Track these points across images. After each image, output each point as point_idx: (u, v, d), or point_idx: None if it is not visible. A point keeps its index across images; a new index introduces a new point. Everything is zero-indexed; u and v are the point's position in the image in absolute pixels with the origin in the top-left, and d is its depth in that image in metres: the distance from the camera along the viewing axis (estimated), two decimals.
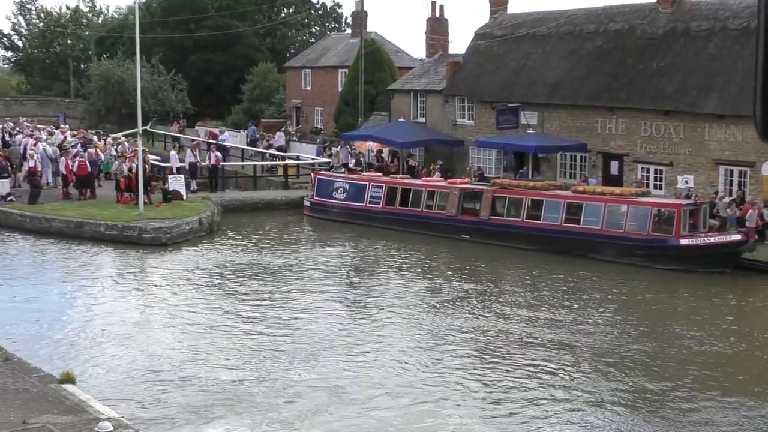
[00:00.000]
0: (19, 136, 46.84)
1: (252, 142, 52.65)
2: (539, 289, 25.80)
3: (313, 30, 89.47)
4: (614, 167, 36.32)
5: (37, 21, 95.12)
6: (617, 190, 31.82)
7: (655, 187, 34.38)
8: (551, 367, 18.18)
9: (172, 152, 43.13)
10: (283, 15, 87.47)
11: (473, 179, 37.00)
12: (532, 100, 38.83)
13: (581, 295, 25.33)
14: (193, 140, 48.30)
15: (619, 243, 29.40)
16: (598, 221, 30.25)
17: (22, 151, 41.84)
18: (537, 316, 22.39)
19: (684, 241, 28.56)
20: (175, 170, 39.73)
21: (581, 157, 37.60)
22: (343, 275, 27.76)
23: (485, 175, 38.73)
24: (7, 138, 47.72)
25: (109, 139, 45.67)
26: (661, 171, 34.63)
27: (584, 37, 38.85)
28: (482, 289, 25.75)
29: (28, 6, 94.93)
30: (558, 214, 31.24)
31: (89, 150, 39.73)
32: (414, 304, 23.83)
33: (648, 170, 35.11)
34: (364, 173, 39.98)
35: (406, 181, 37.20)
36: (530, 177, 36.66)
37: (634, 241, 29.23)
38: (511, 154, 39.78)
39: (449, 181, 36.17)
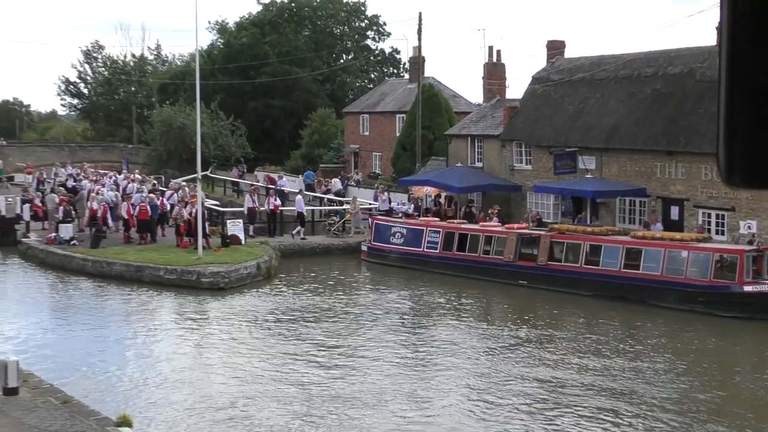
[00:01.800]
0: (84, 182, 47.78)
1: (309, 187, 53.00)
2: (598, 336, 25.44)
3: (372, 76, 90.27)
4: (674, 212, 35.83)
5: (103, 69, 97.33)
6: (677, 235, 31.38)
7: (717, 232, 33.81)
8: (614, 416, 17.86)
9: (298, 197, 43.53)
10: (342, 61, 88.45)
11: (531, 224, 36.77)
12: (589, 145, 38.60)
13: (640, 342, 24.92)
14: (251, 185, 48.76)
15: (680, 289, 28.91)
16: (657, 267, 29.80)
17: (87, 196, 42.58)
18: (596, 364, 22.06)
19: (747, 288, 28.00)
20: (298, 213, 41.46)
21: (640, 202, 37.18)
22: (399, 320, 27.68)
23: (543, 220, 38.45)
24: (72, 183, 48.68)
25: (172, 184, 46.35)
26: (723, 216, 34.06)
27: (642, 81, 38.60)
28: (540, 335, 25.47)
29: (94, 55, 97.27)
30: (617, 259, 30.85)
31: (150, 195, 40.34)
32: (471, 349, 23.64)
33: (709, 215, 34.56)
34: (422, 218, 39.98)
35: (463, 226, 37.10)
36: (588, 222, 36.33)
37: (695, 287, 28.71)
38: (569, 199, 39.48)
39: (506, 226, 35.98)
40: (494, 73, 49.44)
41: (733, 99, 1.52)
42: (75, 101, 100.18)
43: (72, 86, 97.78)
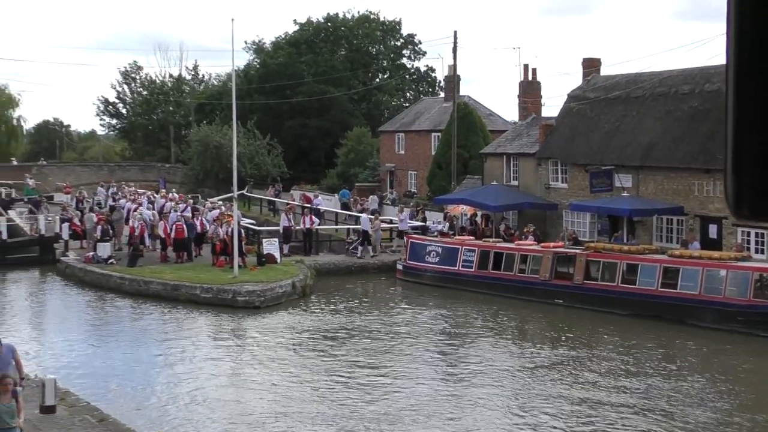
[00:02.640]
0: (122, 201, 48.25)
1: (344, 206, 53.10)
2: (635, 356, 25.20)
3: (408, 94, 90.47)
4: (713, 231, 35.47)
5: (141, 89, 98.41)
6: (716, 254, 31.05)
7: (757, 251, 33.41)
8: None
9: (364, 216, 43.66)
10: (377, 80, 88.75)
11: (567, 243, 36.58)
12: (626, 163, 38.39)
13: (678, 362, 24.66)
14: (287, 204, 48.98)
15: (718, 309, 28.58)
16: (695, 286, 29.49)
17: (125, 215, 42.96)
18: (632, 384, 21.86)
19: None
20: (363, 232, 41.48)
21: (678, 220, 36.87)
22: (435, 339, 27.63)
23: (579, 238, 38.23)
24: (111, 202, 49.18)
25: (207, 203, 46.68)
26: (763, 235, 33.66)
27: (679, 99, 38.35)
28: (576, 354, 25.30)
29: (133, 75, 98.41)
30: (654, 278, 30.59)
31: (186, 214, 40.62)
32: (507, 368, 23.53)
33: (748, 234, 34.17)
34: (457, 237, 39.92)
35: (498, 244, 37.00)
36: (625, 241, 36.07)
37: (734, 306, 28.37)
38: (605, 217, 39.24)
39: (542, 244, 35.83)
40: (530, 91, 49.40)
41: (740, 130, 1.52)
42: (114, 121, 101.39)
43: (111, 106, 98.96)
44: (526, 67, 50.71)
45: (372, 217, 43.29)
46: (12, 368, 14.74)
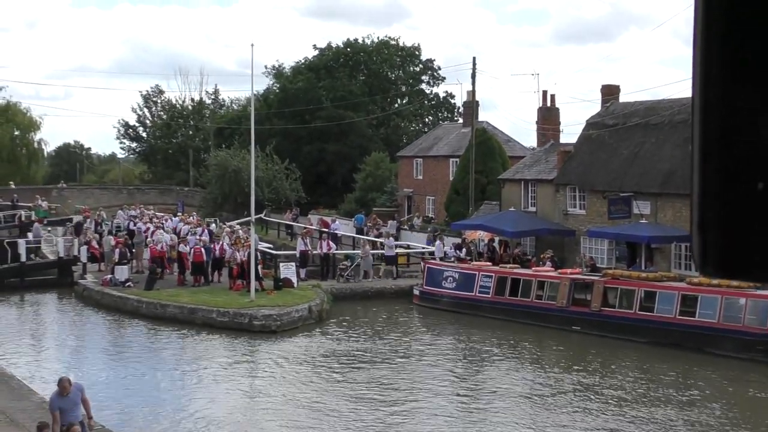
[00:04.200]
0: (140, 224, 48.39)
1: (360, 231, 53.08)
2: (652, 384, 25.04)
3: (426, 120, 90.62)
4: None
5: (162, 113, 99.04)
6: (735, 282, 30.83)
7: None
8: None
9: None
10: (396, 105, 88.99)
11: (584, 269, 36.44)
12: (644, 190, 38.28)
13: (696, 391, 24.47)
14: (304, 228, 49.04)
15: (738, 337, 28.38)
16: (714, 314, 29.30)
17: (144, 239, 43.05)
18: (649, 413, 21.72)
19: None
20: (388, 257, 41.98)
21: None
22: (451, 364, 27.55)
23: (597, 265, 38.07)
24: (131, 226, 49.31)
25: (225, 227, 46.79)
26: None
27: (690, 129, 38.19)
28: (593, 382, 25.15)
29: (153, 99, 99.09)
30: (672, 306, 30.43)
31: (203, 237, 40.73)
32: (523, 395, 23.43)
33: None
34: (474, 263, 39.86)
35: (516, 270, 36.91)
36: (643, 268, 35.91)
37: (754, 335, 28.17)
38: (623, 244, 39.09)
39: (560, 271, 35.73)
40: (548, 117, 49.40)
41: (705, 184, 1.51)
42: (134, 144, 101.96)
43: (131, 130, 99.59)
44: (544, 93, 50.79)
45: (375, 240, 43.44)
46: (80, 408, 14.98)
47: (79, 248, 42.75)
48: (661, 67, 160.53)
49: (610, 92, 44.81)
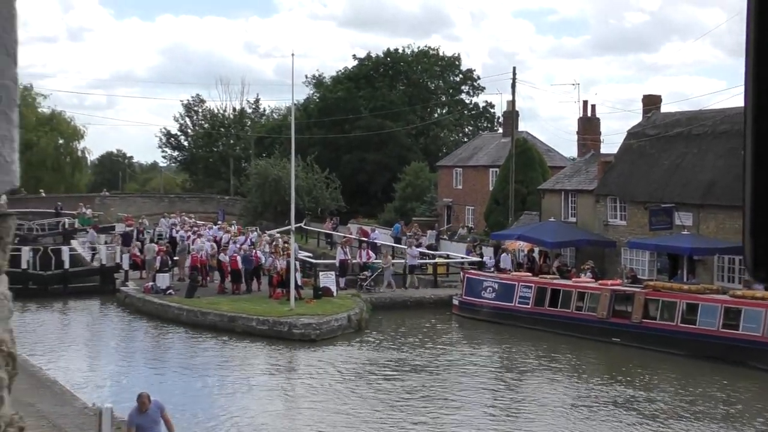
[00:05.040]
0: (182, 232, 48.80)
1: (397, 240, 53.01)
2: (695, 399, 24.70)
3: (466, 130, 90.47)
4: None
5: (203, 122, 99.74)
6: None
7: None
8: None
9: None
10: (436, 115, 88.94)
11: (625, 281, 36.10)
12: (686, 201, 37.86)
13: (740, 406, 24.10)
14: (344, 237, 49.09)
15: None
16: (758, 327, 28.84)
17: (187, 247, 43.33)
18: (690, 427, 21.41)
19: None
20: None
21: (740, 260, 36.16)
22: (490, 375, 27.39)
23: (638, 276, 37.70)
24: (174, 233, 49.72)
25: (264, 236, 46.98)
26: None
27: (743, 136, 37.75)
28: (633, 395, 24.88)
29: (195, 108, 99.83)
30: (715, 318, 30.00)
31: (243, 246, 40.92)
32: (561, 407, 23.23)
33: None
34: (514, 273, 39.65)
35: (555, 281, 36.66)
36: (685, 280, 35.50)
37: None
38: (664, 255, 38.70)
39: (600, 282, 35.42)
40: (588, 127, 49.07)
41: (758, 190, 1.47)
42: (175, 153, 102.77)
43: (173, 139, 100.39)
44: (585, 103, 50.44)
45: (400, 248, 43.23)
46: (160, 427, 14.49)
47: (122, 256, 43.19)
48: (703, 77, 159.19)
49: (651, 102, 44.45)
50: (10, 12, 1.98)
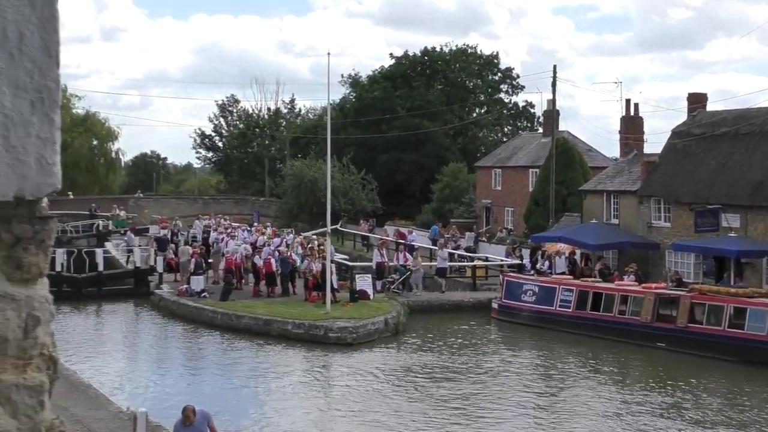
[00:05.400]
0: (214, 234, 49.03)
1: (435, 243, 52.89)
2: (744, 407, 24.43)
3: (505, 129, 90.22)
4: None
5: (238, 122, 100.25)
6: None
7: None
8: None
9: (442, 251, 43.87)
10: (474, 115, 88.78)
11: (669, 284, 35.79)
12: (733, 202, 37.46)
13: None
14: (380, 239, 49.11)
15: None
16: None
17: (221, 249, 43.50)
18: None
19: None
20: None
21: None
22: (530, 381, 27.28)
23: (683, 280, 37.35)
24: (212, 235, 49.96)
25: (298, 238, 47.13)
26: None
27: None
28: (678, 402, 24.66)
29: (229, 109, 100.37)
30: (764, 323, 29.64)
31: (279, 248, 41.05)
32: (603, 413, 23.08)
33: None
34: (554, 276, 39.46)
35: (597, 284, 36.44)
36: (732, 283, 35.12)
37: None
38: (710, 258, 38.33)
39: (643, 285, 35.14)
40: (631, 126, 48.72)
41: None
42: (210, 154, 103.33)
43: (207, 139, 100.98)
44: (627, 102, 50.10)
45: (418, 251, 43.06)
46: None
47: (156, 258, 43.50)
48: (750, 74, 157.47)
49: (696, 100, 44.07)
50: (52, 13, 2.01)
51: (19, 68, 1.98)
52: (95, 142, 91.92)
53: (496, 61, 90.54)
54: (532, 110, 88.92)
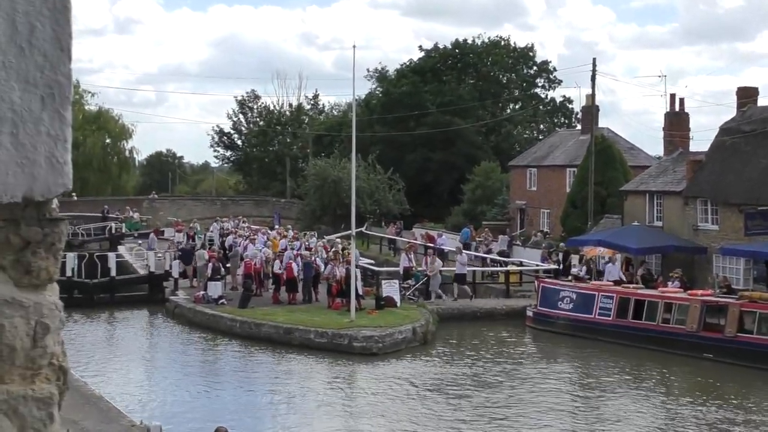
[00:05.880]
0: (230, 237, 49.02)
1: (466, 247, 52.79)
2: None
3: (541, 126, 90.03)
4: None
5: (258, 119, 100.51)
6: None
7: None
8: None
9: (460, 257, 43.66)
10: (508, 111, 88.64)
11: (717, 291, 35.56)
12: None
13: None
14: (408, 243, 49.10)
15: None
16: None
17: (241, 253, 43.58)
18: None
19: None
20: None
21: None
22: (567, 393, 27.19)
23: (732, 286, 37.10)
24: (224, 239, 50.03)
25: (321, 241, 47.20)
26: None
27: None
28: (727, 417, 24.49)
29: (249, 105, 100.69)
30: None
31: (303, 252, 41.08)
32: (647, 429, 22.96)
33: None
34: (593, 282, 39.31)
35: (640, 291, 36.27)
36: None
37: None
38: (762, 263, 38.06)
39: (689, 292, 34.94)
40: (676, 123, 48.49)
41: None
42: (228, 153, 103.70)
43: (226, 137, 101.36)
44: (672, 96, 49.86)
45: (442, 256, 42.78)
46: None
47: (171, 263, 43.60)
48: None
49: (746, 95, 43.79)
50: (64, 4, 2.02)
51: (29, 62, 1.99)
52: (108, 141, 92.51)
53: (531, 53, 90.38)
54: (569, 106, 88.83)
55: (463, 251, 44.26)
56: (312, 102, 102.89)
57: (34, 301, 2.10)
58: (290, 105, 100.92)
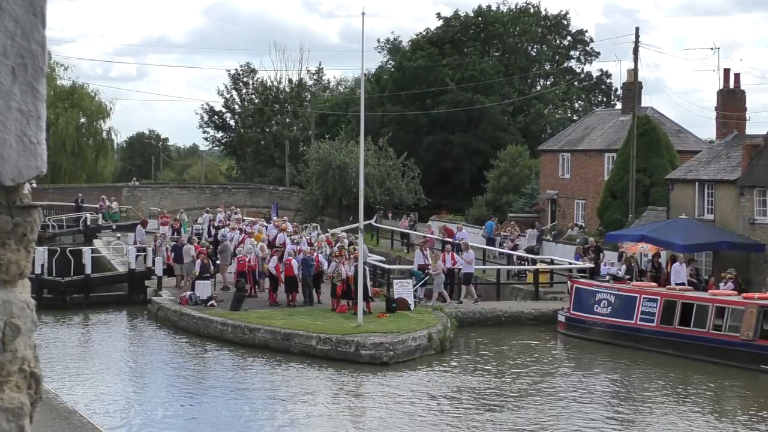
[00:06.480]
0: (224, 230, 48.95)
1: (490, 242, 52.83)
2: None
3: (576, 105, 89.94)
4: None
5: (253, 96, 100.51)
6: None
7: None
8: None
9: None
10: (538, 88, 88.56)
11: None
12: None
13: None
14: (423, 237, 49.11)
15: None
16: None
17: (232, 248, 43.57)
18: None
19: None
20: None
21: None
22: (604, 408, 27.22)
23: None
24: (214, 232, 49.98)
25: (324, 235, 47.23)
26: None
27: None
28: None
29: (244, 80, 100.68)
30: None
31: (304, 248, 41.10)
32: None
33: None
34: (635, 283, 39.33)
35: (687, 293, 36.27)
36: None
37: None
38: None
39: (744, 295, 34.92)
40: (731, 102, 48.37)
41: None
42: (219, 134, 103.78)
43: (216, 117, 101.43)
44: (726, 72, 49.70)
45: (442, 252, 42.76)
46: None
47: (154, 259, 43.54)
48: None
49: None
50: None
51: None
52: (83, 120, 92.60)
53: (564, 22, 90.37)
54: (608, 82, 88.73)
55: (468, 249, 43.77)
56: (315, 77, 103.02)
57: (3, 299, 2.09)
58: (290, 80, 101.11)
